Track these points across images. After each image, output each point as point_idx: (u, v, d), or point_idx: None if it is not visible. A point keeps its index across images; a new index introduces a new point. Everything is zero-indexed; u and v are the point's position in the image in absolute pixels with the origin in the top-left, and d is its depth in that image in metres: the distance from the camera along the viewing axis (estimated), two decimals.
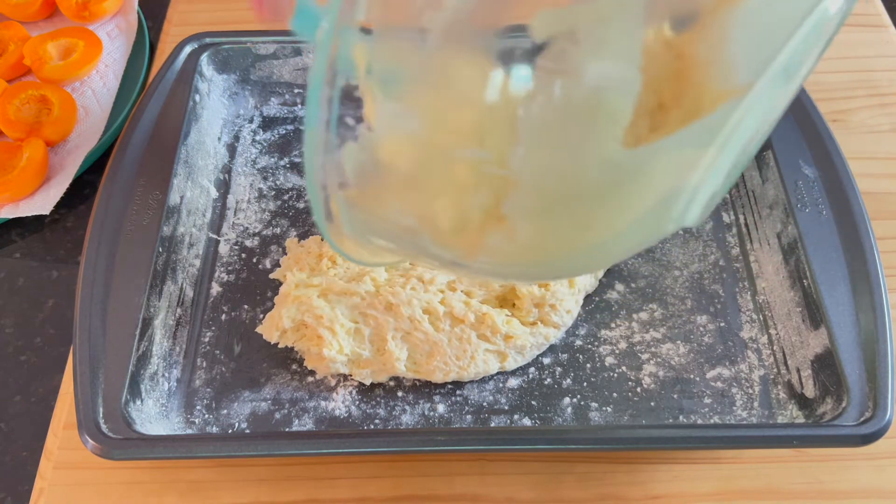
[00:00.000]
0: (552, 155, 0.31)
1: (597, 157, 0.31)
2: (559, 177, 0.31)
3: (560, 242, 0.35)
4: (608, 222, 0.34)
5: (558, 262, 0.37)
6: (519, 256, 0.35)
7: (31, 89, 0.62)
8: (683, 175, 0.32)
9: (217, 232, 0.56)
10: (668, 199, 0.33)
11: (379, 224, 0.35)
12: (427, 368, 0.47)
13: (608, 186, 0.32)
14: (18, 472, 0.48)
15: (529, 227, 0.33)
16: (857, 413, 0.43)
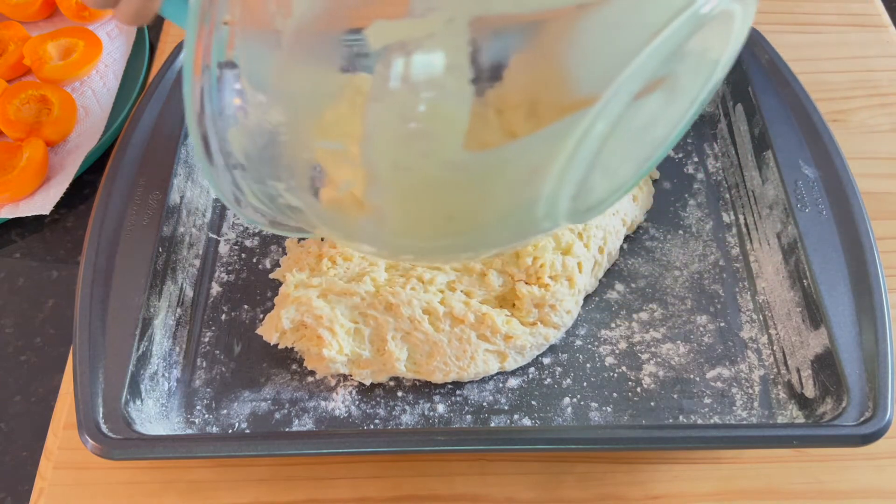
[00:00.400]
0: (397, 153, 0.33)
1: (439, 158, 0.32)
2: (407, 173, 0.33)
3: (427, 231, 0.37)
4: (470, 216, 0.36)
5: (435, 247, 0.39)
6: (394, 238, 0.37)
7: (31, 89, 0.62)
8: (536, 179, 0.33)
9: (217, 232, 0.56)
10: (529, 200, 0.35)
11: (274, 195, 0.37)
12: (427, 369, 0.47)
13: (457, 185, 0.33)
14: (18, 472, 0.48)
15: (392, 215, 0.35)
16: (857, 413, 0.43)
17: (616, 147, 0.34)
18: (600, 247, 0.51)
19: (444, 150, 0.32)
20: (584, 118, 0.31)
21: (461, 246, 0.40)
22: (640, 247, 0.55)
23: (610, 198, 0.39)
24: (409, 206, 0.35)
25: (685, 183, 0.58)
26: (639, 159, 0.38)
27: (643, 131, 0.36)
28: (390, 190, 0.34)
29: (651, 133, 0.37)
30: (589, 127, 0.31)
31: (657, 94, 0.33)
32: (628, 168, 0.38)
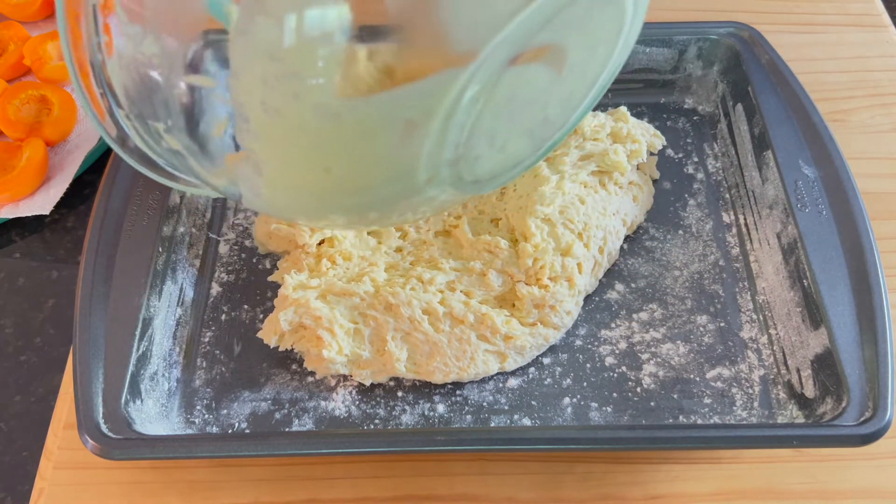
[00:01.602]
0: (264, 93, 0.31)
1: (310, 101, 0.31)
2: (277, 116, 0.32)
3: (304, 184, 0.36)
4: (349, 172, 0.35)
5: (319, 205, 0.38)
6: (273, 191, 0.36)
7: (31, 89, 0.62)
8: (412, 135, 0.33)
9: (217, 232, 0.56)
10: (409, 159, 0.34)
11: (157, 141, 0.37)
12: (427, 369, 0.47)
13: (331, 133, 0.32)
14: (18, 472, 0.48)
15: (268, 163, 0.34)
16: (857, 413, 0.43)
17: (499, 116, 0.34)
18: (600, 247, 0.51)
19: (315, 94, 0.31)
20: (458, 76, 0.31)
21: (349, 206, 0.39)
22: (640, 247, 0.55)
23: (504, 173, 0.38)
24: (283, 154, 0.34)
25: (685, 183, 0.58)
26: (534, 137, 0.38)
27: (531, 105, 0.35)
28: (262, 133, 0.33)
29: (542, 109, 0.37)
30: (463, 86, 0.31)
31: (541, 67, 0.33)
32: (522, 144, 0.38)
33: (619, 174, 0.54)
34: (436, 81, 0.31)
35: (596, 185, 0.54)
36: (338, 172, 0.35)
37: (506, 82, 0.32)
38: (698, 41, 0.60)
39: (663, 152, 0.60)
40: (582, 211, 0.51)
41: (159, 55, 0.33)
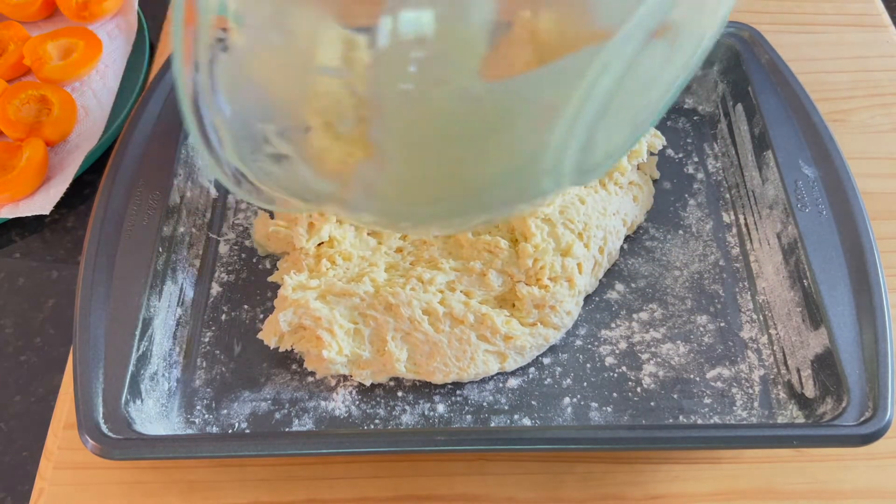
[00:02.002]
0: (408, 79, 0.30)
1: (453, 86, 0.30)
2: (416, 105, 0.30)
3: (429, 179, 0.34)
4: (475, 162, 0.33)
5: (431, 202, 0.36)
6: (391, 191, 0.34)
7: (31, 89, 0.62)
8: (550, 119, 0.31)
9: (217, 232, 0.56)
10: (539, 146, 0.32)
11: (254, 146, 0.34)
12: (427, 369, 0.47)
13: (469, 121, 0.31)
14: (18, 472, 0.48)
15: (395, 157, 0.32)
16: (857, 413, 0.43)
17: (622, 100, 0.32)
18: (600, 247, 0.51)
19: (460, 77, 0.29)
20: (601, 52, 0.29)
21: (459, 205, 0.37)
22: (640, 247, 0.55)
23: (605, 162, 0.37)
24: (416, 146, 0.32)
25: (685, 183, 0.58)
26: (633, 122, 0.37)
27: (644, 88, 0.34)
28: (396, 126, 0.31)
29: (651, 91, 0.35)
30: (605, 64, 0.29)
31: (662, 44, 0.31)
32: (625, 132, 0.37)
33: (620, 174, 0.54)
34: (577, 60, 0.30)
35: (596, 184, 0.54)
36: (469, 163, 0.33)
37: (639, 60, 0.31)
38: None
39: (663, 152, 0.60)
40: (582, 211, 0.51)
41: (282, 48, 0.31)
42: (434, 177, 0.34)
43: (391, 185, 0.34)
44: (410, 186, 0.35)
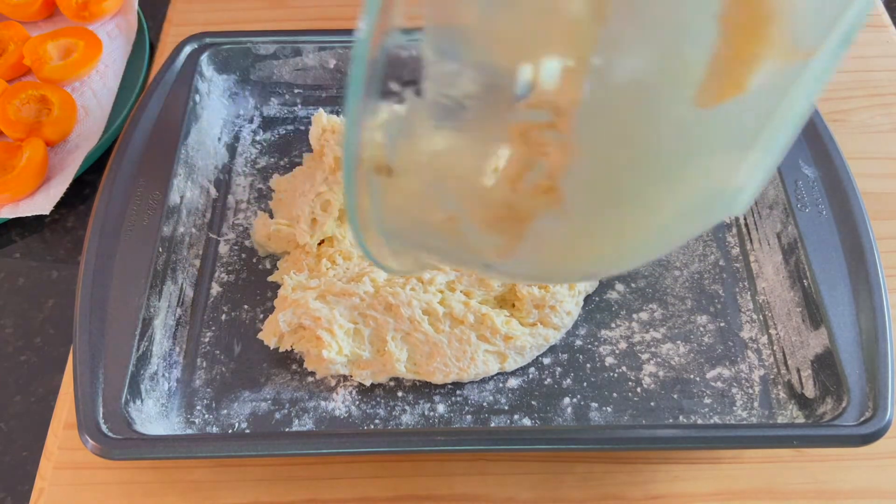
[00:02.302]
0: (618, 115, 0.28)
1: (667, 116, 0.27)
2: (625, 142, 0.28)
3: (614, 224, 0.32)
4: (668, 199, 0.30)
5: (606, 250, 0.34)
6: (566, 243, 0.32)
7: (31, 89, 0.62)
8: (743, 142, 0.29)
9: (217, 232, 0.56)
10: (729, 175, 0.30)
11: (414, 210, 0.33)
12: (427, 369, 0.47)
13: (675, 152, 0.29)
14: (18, 472, 0.48)
15: (584, 204, 0.30)
16: (857, 413, 0.43)
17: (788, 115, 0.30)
18: None
19: (675, 109, 0.27)
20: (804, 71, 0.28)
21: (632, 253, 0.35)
22: None
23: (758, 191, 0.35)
24: (606, 193, 0.30)
25: None
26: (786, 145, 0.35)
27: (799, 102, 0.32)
28: (593, 170, 0.29)
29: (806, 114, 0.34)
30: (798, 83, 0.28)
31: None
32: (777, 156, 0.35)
33: None
34: (781, 79, 0.28)
35: None
36: (660, 205, 0.31)
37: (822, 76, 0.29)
38: None
39: None
40: None
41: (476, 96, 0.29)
42: (614, 220, 0.32)
43: (577, 235, 0.32)
44: (582, 235, 0.32)
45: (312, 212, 0.51)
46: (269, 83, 0.62)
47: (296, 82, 0.62)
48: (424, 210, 0.33)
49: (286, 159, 0.60)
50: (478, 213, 0.32)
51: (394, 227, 0.34)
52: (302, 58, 0.60)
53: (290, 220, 0.52)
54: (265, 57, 0.60)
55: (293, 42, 0.60)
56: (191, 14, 0.70)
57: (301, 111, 0.62)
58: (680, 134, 0.28)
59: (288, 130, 0.61)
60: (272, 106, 0.62)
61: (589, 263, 0.36)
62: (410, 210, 0.33)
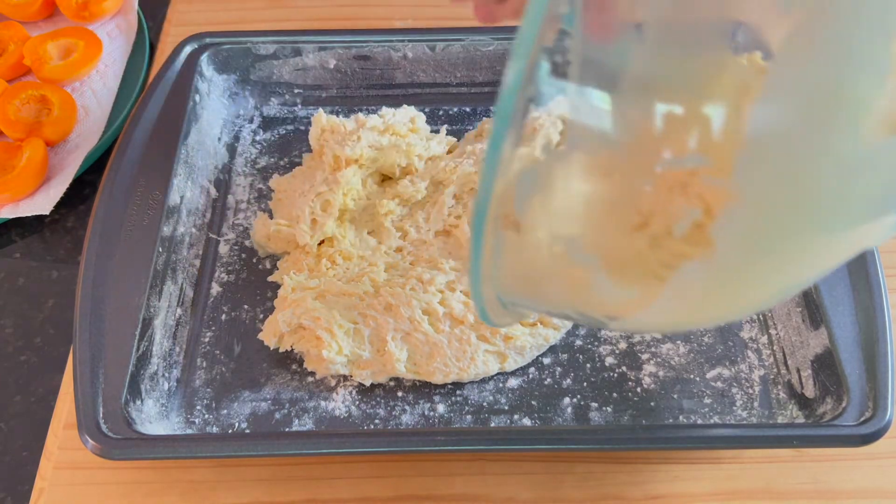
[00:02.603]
0: (782, 155, 0.26)
1: (835, 152, 0.26)
2: (786, 184, 0.27)
3: (763, 270, 0.30)
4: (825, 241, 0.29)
5: (747, 298, 0.32)
6: (707, 293, 0.30)
7: (31, 89, 0.62)
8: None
9: (217, 232, 0.56)
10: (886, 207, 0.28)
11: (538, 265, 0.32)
12: (427, 369, 0.47)
13: (838, 191, 0.27)
14: (18, 472, 0.48)
15: (736, 252, 0.28)
16: (857, 413, 0.43)
17: None
18: None
19: (842, 141, 0.26)
20: None
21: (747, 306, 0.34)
22: None
23: None
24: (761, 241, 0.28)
25: None
26: None
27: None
28: (750, 217, 0.27)
29: None
30: None
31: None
32: None
33: None
34: None
35: None
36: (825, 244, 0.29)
37: None
38: None
39: None
40: None
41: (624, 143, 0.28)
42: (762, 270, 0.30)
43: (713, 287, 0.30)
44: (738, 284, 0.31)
45: (312, 212, 0.51)
46: (269, 83, 0.62)
47: (296, 82, 0.62)
48: (551, 265, 0.32)
49: (286, 159, 0.60)
50: (615, 267, 0.30)
51: (511, 282, 0.33)
52: (302, 58, 0.61)
53: (289, 220, 0.52)
54: (265, 57, 0.60)
55: (293, 42, 0.60)
56: (191, 14, 0.70)
57: (301, 111, 0.62)
58: (845, 170, 0.27)
59: (288, 130, 0.61)
60: (272, 106, 0.62)
61: (725, 312, 0.34)
62: (534, 264, 0.32)
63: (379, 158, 0.54)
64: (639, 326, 0.39)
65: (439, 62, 0.61)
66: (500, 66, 0.61)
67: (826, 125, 0.26)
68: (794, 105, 0.26)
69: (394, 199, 0.54)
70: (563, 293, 0.33)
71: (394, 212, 0.53)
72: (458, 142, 0.58)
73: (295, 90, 0.62)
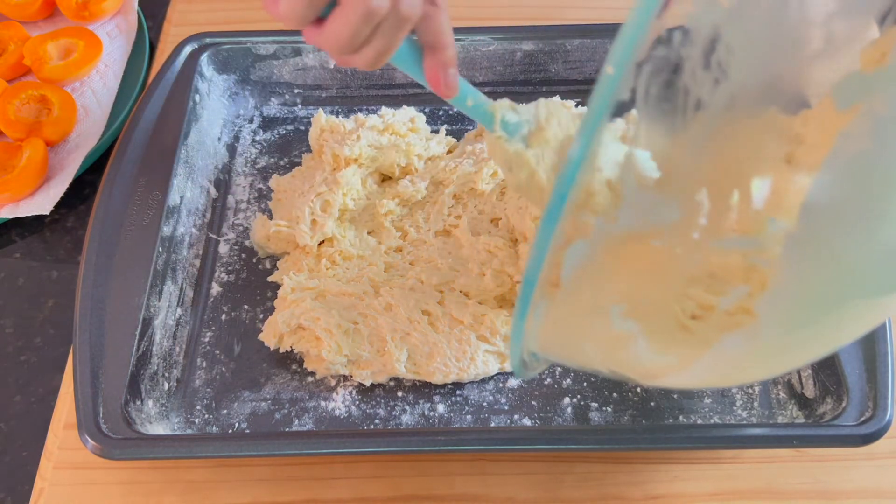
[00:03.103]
0: (830, 239, 0.27)
1: (886, 238, 0.27)
2: (832, 264, 0.27)
3: (802, 339, 0.31)
4: (865, 311, 0.30)
5: (783, 362, 0.34)
6: (746, 360, 0.31)
7: (31, 89, 0.62)
8: None
9: (217, 232, 0.56)
10: None
11: (578, 328, 0.33)
12: (427, 370, 0.47)
13: (881, 265, 0.28)
14: (18, 472, 0.48)
15: (778, 324, 0.29)
16: (857, 413, 0.43)
17: None
18: None
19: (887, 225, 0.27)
20: None
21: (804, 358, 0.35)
22: None
23: None
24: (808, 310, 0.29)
25: None
26: None
27: None
28: (800, 291, 0.28)
29: None
30: None
31: None
32: None
33: None
34: None
35: None
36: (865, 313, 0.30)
37: None
38: None
39: None
40: None
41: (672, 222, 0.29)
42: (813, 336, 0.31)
43: (753, 355, 0.31)
44: (776, 352, 0.32)
45: (312, 212, 0.51)
46: (269, 83, 0.62)
47: (296, 82, 0.62)
48: (591, 329, 0.33)
49: (286, 159, 0.60)
50: (656, 335, 0.31)
51: (549, 341, 0.34)
52: (302, 58, 0.60)
53: (289, 220, 0.52)
54: (265, 57, 0.60)
55: (293, 42, 0.60)
56: (191, 14, 0.70)
57: (301, 111, 0.62)
58: (890, 249, 0.27)
59: (288, 130, 0.61)
60: (272, 106, 0.62)
61: (759, 375, 0.35)
62: (575, 327, 0.33)
63: (378, 158, 0.54)
64: (671, 385, 0.40)
65: None
66: (500, 66, 0.61)
67: (878, 212, 0.27)
68: (850, 189, 0.26)
69: (394, 199, 0.54)
70: (600, 354, 0.34)
71: (394, 212, 0.53)
72: (458, 142, 0.58)
73: (295, 90, 0.62)
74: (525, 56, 0.61)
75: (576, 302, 0.31)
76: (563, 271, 0.30)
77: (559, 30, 0.60)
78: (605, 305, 0.31)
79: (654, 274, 0.31)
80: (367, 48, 0.35)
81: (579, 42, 0.60)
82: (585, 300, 0.31)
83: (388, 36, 0.34)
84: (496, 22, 0.64)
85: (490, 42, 0.60)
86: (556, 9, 0.69)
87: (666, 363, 0.32)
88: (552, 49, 0.60)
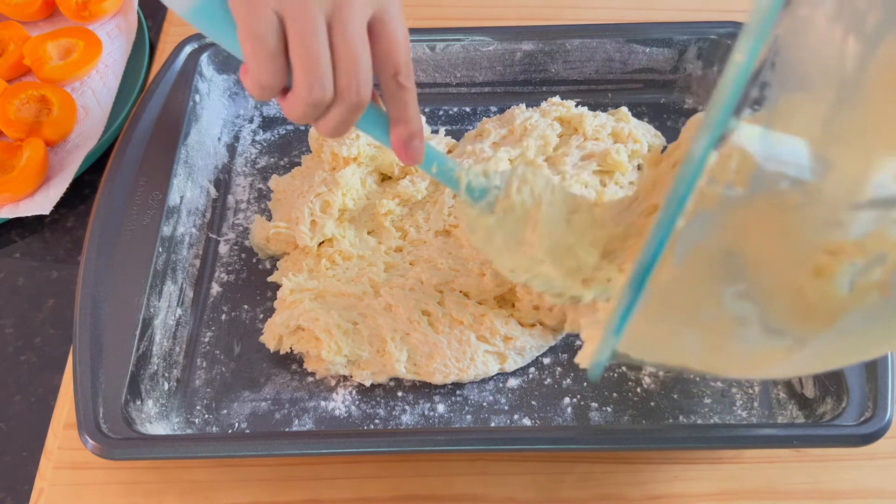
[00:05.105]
0: None
1: None
2: None
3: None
4: None
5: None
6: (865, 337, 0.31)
7: (31, 89, 0.62)
8: None
9: (217, 232, 0.56)
10: None
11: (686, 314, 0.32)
12: (427, 370, 0.47)
13: None
14: (18, 472, 0.48)
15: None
16: (857, 413, 0.43)
17: None
18: None
19: None
20: None
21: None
22: None
23: None
24: None
25: None
26: None
27: None
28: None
29: None
30: None
31: None
32: None
33: (621, 174, 0.54)
34: None
35: (597, 184, 0.54)
36: None
37: None
38: (698, 41, 0.60)
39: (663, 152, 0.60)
40: None
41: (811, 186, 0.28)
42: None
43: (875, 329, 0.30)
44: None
45: (312, 213, 0.51)
46: None
47: None
48: (698, 316, 0.32)
49: (286, 159, 0.60)
50: (777, 315, 0.30)
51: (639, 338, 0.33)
52: None
53: (288, 221, 0.52)
54: None
55: None
56: None
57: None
58: None
59: (288, 130, 0.61)
60: (272, 106, 0.62)
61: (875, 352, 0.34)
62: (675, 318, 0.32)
63: (378, 157, 0.54)
64: (768, 375, 0.39)
65: (439, 62, 0.61)
66: (500, 66, 0.61)
67: None
68: None
69: (394, 199, 0.54)
70: (701, 345, 0.33)
71: (393, 212, 0.53)
72: (458, 142, 0.58)
73: None
74: (525, 56, 0.61)
75: (682, 289, 0.30)
76: (676, 253, 0.28)
77: (559, 30, 0.60)
78: (718, 288, 0.30)
79: (781, 245, 0.30)
80: (323, 123, 0.37)
81: (579, 42, 0.60)
82: (695, 285, 0.30)
83: (341, 116, 0.37)
84: (496, 22, 0.64)
85: (490, 42, 0.60)
86: (556, 9, 0.69)
87: (779, 347, 0.31)
88: (552, 49, 0.60)
